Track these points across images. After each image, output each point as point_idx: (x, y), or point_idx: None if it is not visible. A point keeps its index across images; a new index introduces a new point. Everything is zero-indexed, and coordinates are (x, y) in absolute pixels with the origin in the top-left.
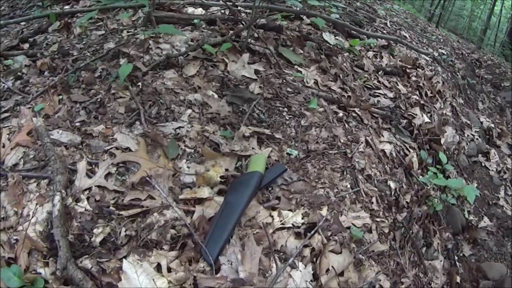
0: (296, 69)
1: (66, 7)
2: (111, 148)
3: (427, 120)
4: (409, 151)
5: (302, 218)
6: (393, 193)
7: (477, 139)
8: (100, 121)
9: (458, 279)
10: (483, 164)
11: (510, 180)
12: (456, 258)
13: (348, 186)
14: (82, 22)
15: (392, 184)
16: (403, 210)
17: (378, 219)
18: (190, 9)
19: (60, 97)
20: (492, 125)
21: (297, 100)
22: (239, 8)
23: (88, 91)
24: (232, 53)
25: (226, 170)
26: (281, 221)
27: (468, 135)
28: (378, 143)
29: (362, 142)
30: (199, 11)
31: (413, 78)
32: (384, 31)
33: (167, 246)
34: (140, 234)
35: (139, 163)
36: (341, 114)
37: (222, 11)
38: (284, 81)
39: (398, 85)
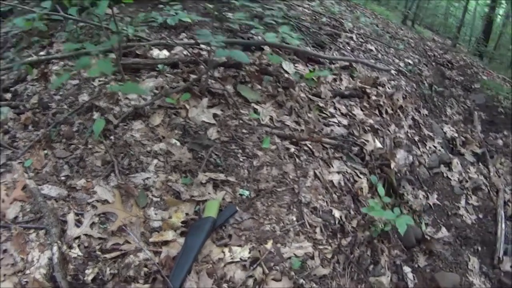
0: (253, 107)
1: (42, 52)
2: (93, 201)
3: (379, 145)
4: (360, 177)
5: (249, 253)
6: (337, 221)
7: (439, 150)
8: (81, 174)
9: None
10: (445, 175)
11: (472, 188)
12: (406, 272)
13: (294, 219)
14: (57, 84)
15: (337, 213)
16: (349, 235)
17: (321, 247)
18: (155, 52)
19: (45, 151)
20: (456, 135)
21: (252, 141)
22: (200, 45)
23: (68, 145)
24: (193, 98)
25: (187, 214)
26: (231, 256)
27: (430, 147)
28: (327, 174)
29: (310, 176)
30: (164, 53)
31: (373, 98)
32: (348, 48)
33: (142, 281)
34: (121, 272)
35: (116, 213)
36: (292, 150)
37: (185, 52)
38: (241, 121)
39: (354, 110)
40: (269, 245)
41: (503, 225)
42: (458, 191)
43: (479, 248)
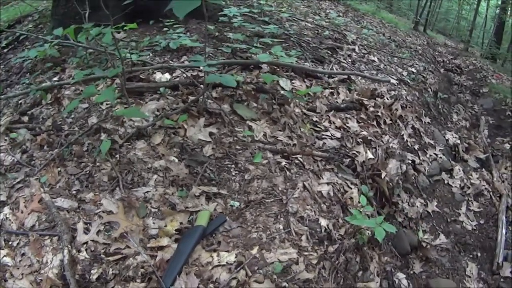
0: (247, 125)
1: (55, 78)
2: (100, 211)
3: (370, 156)
4: (350, 187)
5: (235, 257)
6: (323, 229)
7: (440, 157)
8: (90, 189)
9: None
10: (446, 182)
11: (473, 194)
12: (400, 278)
13: (281, 228)
14: (69, 108)
15: (324, 222)
16: (336, 243)
17: (306, 253)
18: (158, 75)
19: (59, 169)
20: (459, 141)
21: (244, 156)
22: (200, 67)
23: (79, 163)
24: (191, 118)
25: (181, 223)
26: (218, 260)
27: (430, 155)
28: (316, 185)
29: (298, 188)
30: (165, 77)
31: (371, 109)
32: (349, 60)
33: (139, 280)
34: (122, 272)
35: (119, 222)
36: (283, 163)
37: (185, 75)
38: (235, 138)
39: (349, 122)
40: (254, 250)
41: (504, 231)
42: (459, 197)
43: (479, 254)
